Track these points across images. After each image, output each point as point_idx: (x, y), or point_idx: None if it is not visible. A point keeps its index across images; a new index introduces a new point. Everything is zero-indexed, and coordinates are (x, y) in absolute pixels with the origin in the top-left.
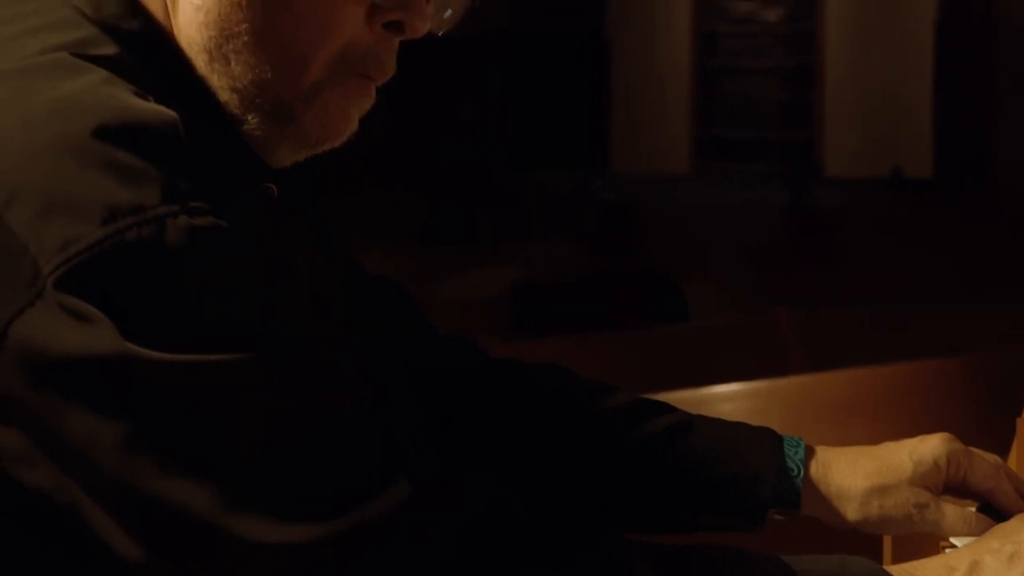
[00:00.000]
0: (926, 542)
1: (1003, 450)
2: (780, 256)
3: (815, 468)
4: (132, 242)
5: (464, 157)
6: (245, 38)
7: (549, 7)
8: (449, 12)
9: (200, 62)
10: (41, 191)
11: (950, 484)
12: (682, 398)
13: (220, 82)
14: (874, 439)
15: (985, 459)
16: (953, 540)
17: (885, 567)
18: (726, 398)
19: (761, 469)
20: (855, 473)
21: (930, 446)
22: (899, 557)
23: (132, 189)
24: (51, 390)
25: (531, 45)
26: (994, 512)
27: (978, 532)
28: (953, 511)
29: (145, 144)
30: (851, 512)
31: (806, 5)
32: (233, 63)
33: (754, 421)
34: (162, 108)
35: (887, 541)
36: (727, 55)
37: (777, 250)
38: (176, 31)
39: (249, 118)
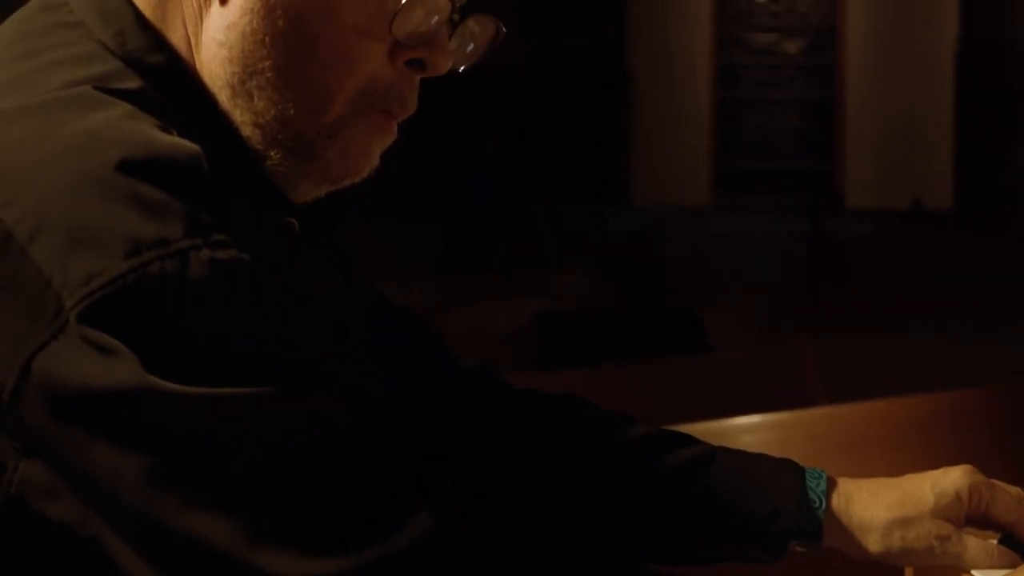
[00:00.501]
0: (948, 574)
1: None
2: (801, 287)
3: (837, 500)
4: (155, 275)
5: (484, 190)
6: (268, 74)
7: (570, 40)
8: (471, 47)
9: (223, 97)
10: (65, 225)
11: (972, 516)
12: (703, 429)
13: (243, 117)
14: (895, 470)
15: (1007, 491)
16: (975, 573)
17: None
18: (747, 430)
19: (783, 501)
20: (877, 505)
21: (952, 478)
22: None
23: (155, 223)
24: (74, 423)
25: (552, 77)
26: (1016, 544)
27: (1000, 565)
28: (975, 543)
29: (168, 178)
30: (873, 544)
31: (826, 37)
32: (256, 99)
33: (775, 453)
34: (185, 142)
35: (909, 573)
36: (748, 87)
37: (798, 281)
38: (199, 66)
39: (272, 153)
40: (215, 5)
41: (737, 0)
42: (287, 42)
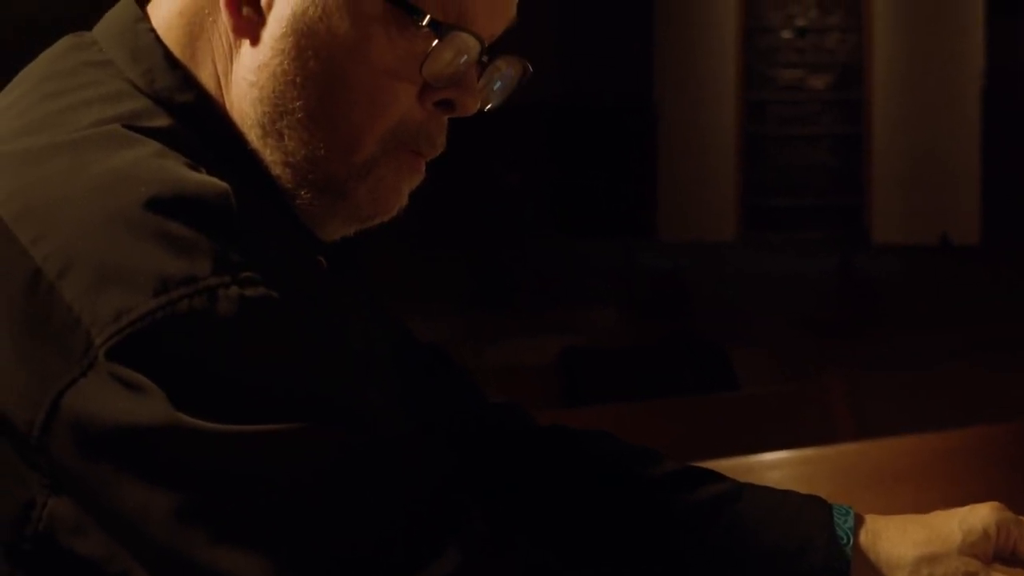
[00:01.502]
0: None
1: None
2: (828, 323)
3: (865, 537)
4: (184, 313)
5: (510, 225)
6: (299, 115)
7: (597, 75)
8: (499, 85)
9: (253, 136)
10: (94, 263)
11: (1000, 553)
12: (730, 466)
13: (273, 156)
14: (923, 507)
15: None
16: None
17: None
18: (774, 466)
19: (811, 538)
20: (904, 542)
21: (980, 515)
22: None
23: (184, 260)
24: (102, 459)
25: (579, 112)
26: None
27: None
28: None
29: (197, 215)
30: None
31: (853, 73)
32: (287, 139)
33: (802, 489)
34: (214, 179)
35: None
36: (774, 123)
37: (825, 317)
38: (229, 105)
39: (302, 193)
40: (246, 45)
41: (764, 36)
42: (318, 83)
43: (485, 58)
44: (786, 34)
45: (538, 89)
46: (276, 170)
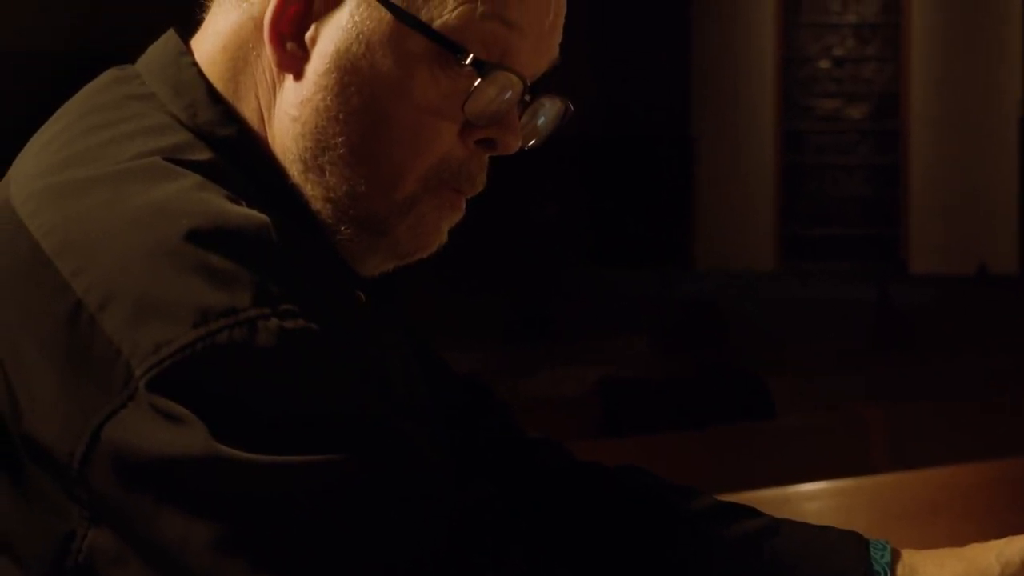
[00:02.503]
0: None
1: None
2: (865, 353)
3: (902, 571)
4: (223, 344)
5: (547, 256)
6: (341, 151)
7: (634, 106)
8: (541, 120)
9: (295, 171)
10: (135, 294)
11: None
12: (767, 496)
13: (314, 192)
14: (961, 538)
15: None
16: None
17: None
18: (811, 497)
19: (847, 573)
20: None
21: (1018, 547)
22: None
23: (224, 292)
24: (142, 491)
25: (616, 143)
26: None
27: None
28: None
29: (237, 248)
30: None
31: (891, 103)
32: (328, 174)
33: (839, 520)
34: (254, 212)
35: None
36: (812, 153)
37: (862, 347)
38: (271, 139)
39: (342, 228)
40: (289, 80)
41: (802, 66)
42: (360, 119)
43: (527, 97)
44: (823, 64)
45: (576, 120)
46: (317, 205)
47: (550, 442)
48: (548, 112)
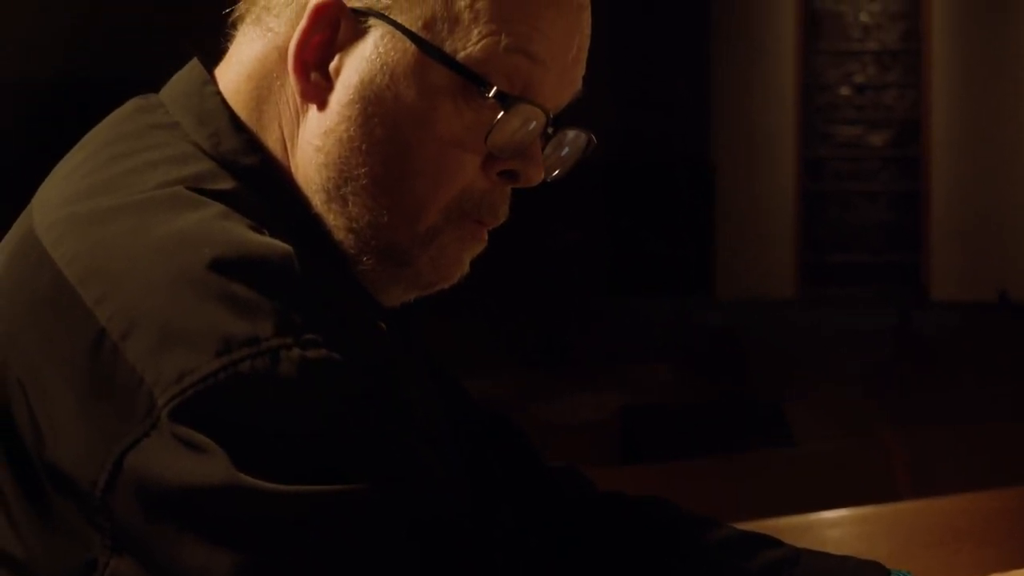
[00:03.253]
0: None
1: None
2: (887, 380)
3: None
4: (246, 373)
5: (567, 282)
6: (363, 181)
7: (653, 132)
8: (566, 151)
9: (317, 201)
10: (158, 323)
11: None
12: (789, 524)
13: (337, 222)
14: (983, 566)
15: None
16: None
17: None
18: (833, 524)
19: None
20: None
21: None
22: None
23: (247, 321)
24: (165, 519)
25: (635, 169)
26: None
27: None
28: None
29: (260, 277)
30: None
31: (912, 129)
32: (351, 204)
33: (861, 547)
34: (277, 242)
35: None
36: (832, 180)
37: (883, 374)
38: (294, 168)
39: (364, 259)
40: (312, 110)
41: (822, 93)
42: (384, 151)
43: (550, 129)
44: (844, 91)
45: (597, 147)
46: (339, 235)
47: (570, 470)
48: (572, 144)
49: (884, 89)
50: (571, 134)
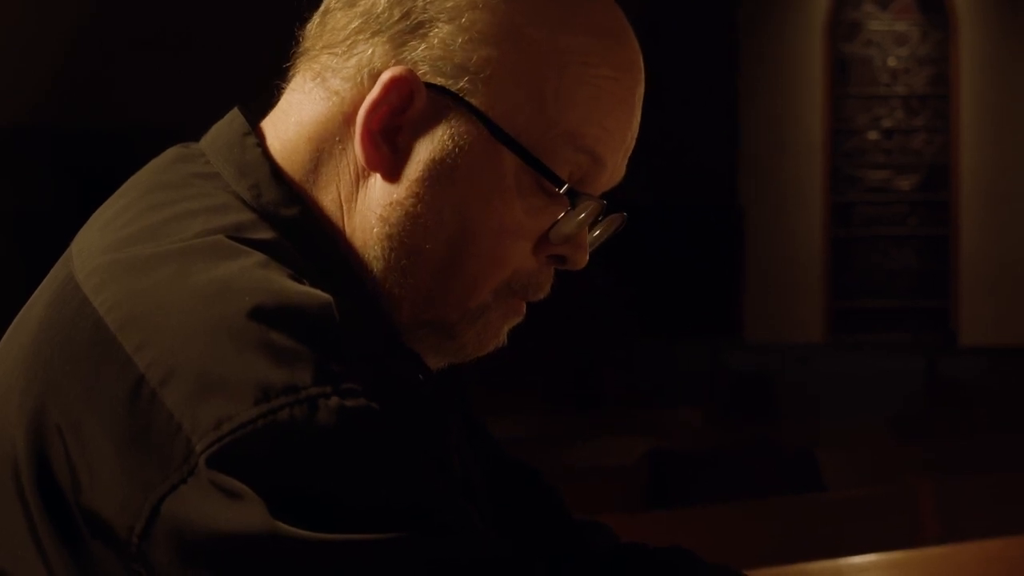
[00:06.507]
0: None
1: None
2: (917, 426)
3: None
4: (284, 422)
5: (595, 324)
6: (424, 258)
7: (683, 177)
8: (597, 233)
9: (375, 268)
10: (197, 371)
11: None
12: (818, 569)
13: (391, 291)
14: None
15: None
16: None
17: None
18: (862, 569)
19: None
20: None
21: None
22: None
23: (285, 369)
24: (201, 567)
25: (664, 214)
26: None
27: None
28: None
29: (299, 326)
30: None
31: (940, 174)
32: (408, 276)
33: None
34: (317, 291)
35: None
36: (861, 224)
37: (913, 420)
38: (350, 232)
39: (412, 328)
40: (376, 178)
41: (850, 137)
42: (448, 233)
43: (601, 217)
44: (872, 135)
45: (626, 190)
46: (392, 303)
47: (597, 525)
48: (606, 224)
49: (912, 133)
50: (612, 217)
